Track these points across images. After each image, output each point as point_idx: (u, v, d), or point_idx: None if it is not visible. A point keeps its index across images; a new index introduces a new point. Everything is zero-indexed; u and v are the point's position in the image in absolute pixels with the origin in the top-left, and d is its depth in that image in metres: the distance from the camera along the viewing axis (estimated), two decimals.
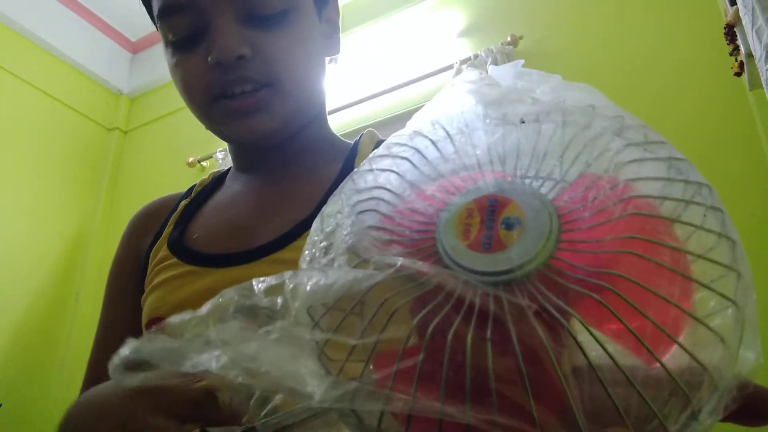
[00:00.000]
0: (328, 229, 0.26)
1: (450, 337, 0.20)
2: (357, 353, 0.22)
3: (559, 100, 0.26)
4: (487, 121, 0.26)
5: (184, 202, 0.60)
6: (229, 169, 0.64)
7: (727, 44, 1.26)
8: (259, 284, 0.24)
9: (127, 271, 0.60)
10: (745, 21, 0.86)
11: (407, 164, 0.26)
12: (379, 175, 0.27)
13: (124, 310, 0.59)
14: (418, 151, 0.27)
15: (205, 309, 0.24)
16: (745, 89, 1.34)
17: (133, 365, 0.25)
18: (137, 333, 0.66)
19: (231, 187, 0.60)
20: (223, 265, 0.50)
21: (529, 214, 0.23)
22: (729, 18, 1.16)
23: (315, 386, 0.21)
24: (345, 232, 0.25)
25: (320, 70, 0.55)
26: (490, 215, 0.23)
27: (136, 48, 2.80)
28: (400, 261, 0.22)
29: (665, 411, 0.19)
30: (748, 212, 1.37)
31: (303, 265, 0.26)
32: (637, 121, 0.26)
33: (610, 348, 0.19)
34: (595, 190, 0.23)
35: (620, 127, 0.25)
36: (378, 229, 0.24)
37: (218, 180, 0.63)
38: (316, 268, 0.24)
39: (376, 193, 0.26)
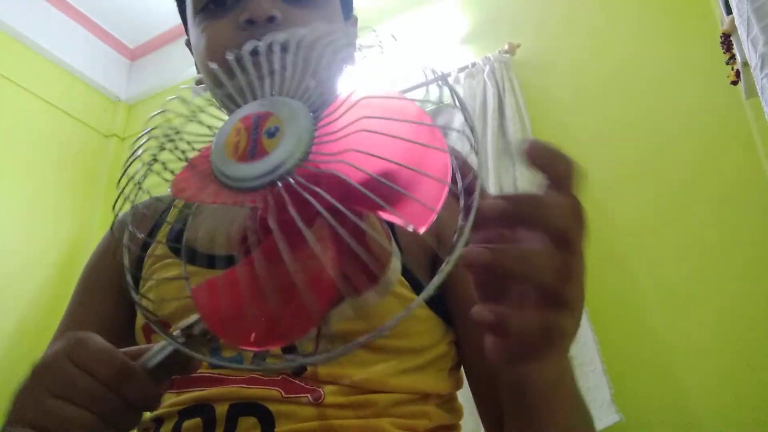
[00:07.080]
0: None
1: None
2: None
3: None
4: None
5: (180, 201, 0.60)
6: None
7: (724, 53, 1.26)
8: None
9: (113, 266, 0.60)
10: (741, 30, 0.86)
11: None
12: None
13: (94, 315, 0.59)
14: None
15: None
16: (741, 98, 1.34)
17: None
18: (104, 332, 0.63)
19: None
20: (225, 267, 0.50)
21: (287, 120, 0.27)
22: (725, 27, 1.16)
23: None
24: None
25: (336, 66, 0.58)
26: (255, 129, 0.28)
27: (134, 55, 2.80)
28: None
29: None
30: (745, 220, 1.37)
31: None
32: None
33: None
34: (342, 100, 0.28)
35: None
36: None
37: None
38: None
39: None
